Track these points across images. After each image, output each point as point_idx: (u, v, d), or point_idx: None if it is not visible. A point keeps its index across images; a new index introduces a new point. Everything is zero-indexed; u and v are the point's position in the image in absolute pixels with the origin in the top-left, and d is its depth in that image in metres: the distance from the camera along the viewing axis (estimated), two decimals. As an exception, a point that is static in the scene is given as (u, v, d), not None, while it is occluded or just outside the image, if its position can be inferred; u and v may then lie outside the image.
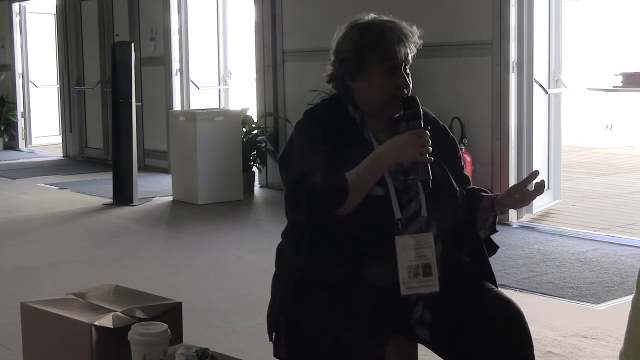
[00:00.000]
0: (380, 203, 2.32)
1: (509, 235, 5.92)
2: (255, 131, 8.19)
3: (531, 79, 6.36)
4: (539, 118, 6.57)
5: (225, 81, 10.01)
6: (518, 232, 6.05)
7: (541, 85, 6.54)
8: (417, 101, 2.39)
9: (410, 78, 2.41)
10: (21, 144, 12.72)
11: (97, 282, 3.26)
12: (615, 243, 5.68)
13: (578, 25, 13.41)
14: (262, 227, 6.62)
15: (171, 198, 7.82)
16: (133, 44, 7.79)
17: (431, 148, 2.31)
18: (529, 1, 6.32)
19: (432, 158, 2.31)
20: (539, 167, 6.54)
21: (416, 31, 2.42)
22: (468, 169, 6.15)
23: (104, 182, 8.59)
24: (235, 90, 10.40)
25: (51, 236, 6.37)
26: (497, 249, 2.56)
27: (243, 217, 7.12)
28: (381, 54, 2.37)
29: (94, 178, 9.29)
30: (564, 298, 4.48)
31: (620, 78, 6.24)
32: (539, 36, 6.46)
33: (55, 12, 12.00)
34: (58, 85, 12.02)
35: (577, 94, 11.69)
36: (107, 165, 9.56)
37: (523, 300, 4.18)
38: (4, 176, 9.58)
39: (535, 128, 6.46)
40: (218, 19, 9.83)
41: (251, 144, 8.08)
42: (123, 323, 2.63)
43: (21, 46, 12.74)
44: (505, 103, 6.36)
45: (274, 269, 2.52)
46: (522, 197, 2.41)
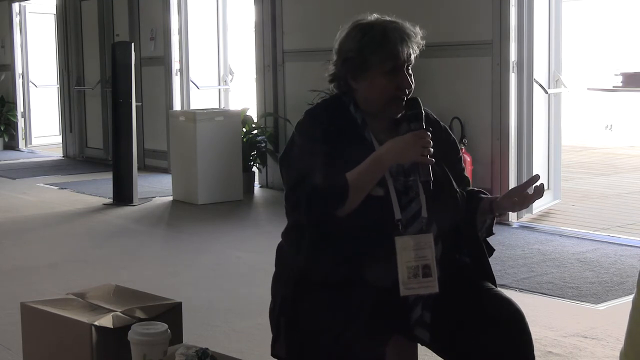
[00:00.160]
0: (380, 204, 2.32)
1: (509, 235, 5.92)
2: (255, 131, 8.19)
3: (531, 79, 6.36)
4: (539, 118, 6.57)
5: (225, 81, 10.01)
6: (518, 232, 6.05)
7: (541, 85, 6.54)
8: (419, 102, 2.39)
9: (412, 79, 2.41)
10: (21, 144, 12.72)
11: (97, 282, 3.26)
12: (615, 243, 5.68)
13: (578, 25, 13.41)
14: (262, 227, 6.62)
15: (171, 198, 7.82)
16: (133, 44, 7.79)
17: (432, 149, 2.31)
18: (529, 1, 6.32)
19: (433, 159, 2.31)
20: (539, 167, 6.55)
21: (419, 32, 2.42)
22: (468, 169, 6.15)
23: (104, 182, 8.59)
24: (238, 90, 10.41)
25: (51, 236, 6.37)
26: (493, 252, 2.56)
27: (243, 217, 7.12)
28: (383, 54, 2.37)
29: (94, 178, 9.29)
30: (564, 298, 4.48)
31: (620, 78, 6.24)
32: (539, 36, 6.46)
33: (55, 12, 11.99)
34: (58, 85, 12.02)
35: (577, 94, 11.69)
36: (107, 165, 9.56)
37: (523, 300, 4.18)
38: (4, 176, 9.58)
39: (535, 128, 6.46)
40: (218, 19, 9.83)
41: (251, 144, 8.08)
42: (123, 323, 2.63)
43: (21, 46, 12.74)
44: (505, 103, 6.36)
45: (274, 269, 2.52)
46: (522, 201, 2.42)
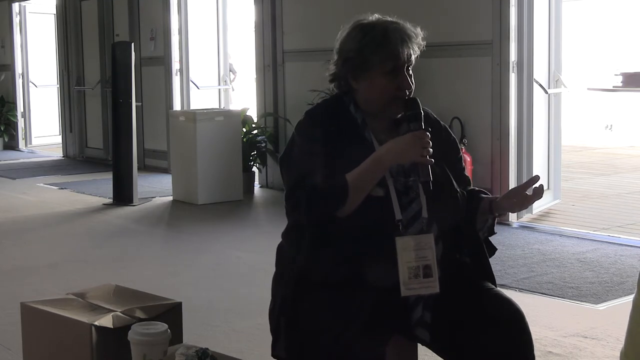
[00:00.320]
0: (380, 204, 2.32)
1: (509, 235, 5.92)
2: (255, 131, 8.19)
3: (531, 79, 6.36)
4: (539, 118, 6.57)
5: (225, 81, 10.01)
6: (518, 232, 6.05)
7: (541, 85, 6.54)
8: (419, 103, 2.39)
9: (412, 79, 2.41)
10: (21, 144, 12.72)
11: (97, 282, 3.26)
12: (615, 243, 5.68)
13: (578, 25, 13.41)
14: (262, 227, 6.62)
15: (171, 198, 7.82)
16: (133, 44, 7.79)
17: (432, 150, 2.31)
18: (529, 1, 6.32)
19: (433, 160, 2.31)
20: (539, 167, 6.55)
21: (420, 32, 2.42)
22: (468, 169, 6.15)
23: (104, 182, 8.59)
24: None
25: (51, 236, 6.37)
26: (495, 251, 2.56)
27: (243, 217, 7.12)
28: (384, 55, 2.37)
29: (94, 178, 9.29)
30: (564, 298, 4.47)
31: (620, 78, 6.25)
32: (539, 36, 6.46)
33: (55, 12, 11.99)
34: (58, 85, 12.02)
35: (577, 94, 11.70)
36: (107, 165, 9.56)
37: (523, 300, 4.18)
38: (4, 176, 9.57)
39: (535, 128, 6.46)
40: (218, 19, 9.83)
41: (251, 144, 8.08)
42: (123, 323, 2.63)
43: (21, 46, 12.73)
44: (505, 103, 6.36)
45: (274, 269, 2.52)
46: (521, 201, 2.42)
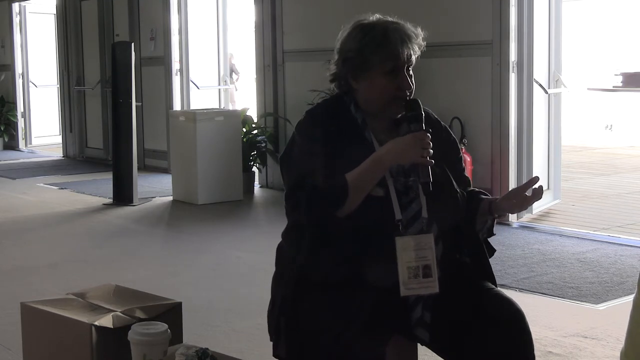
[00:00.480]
0: (380, 204, 2.32)
1: (509, 235, 5.92)
2: (255, 131, 8.19)
3: (531, 79, 6.36)
4: (539, 118, 6.57)
5: (225, 81, 10.02)
6: (518, 232, 6.05)
7: (541, 85, 6.54)
8: (419, 104, 2.39)
9: (413, 80, 2.41)
10: (21, 144, 12.73)
11: (97, 282, 3.26)
12: (615, 243, 5.68)
13: (578, 25, 13.42)
14: (262, 227, 6.63)
15: (171, 198, 7.82)
16: (133, 44, 7.79)
17: (432, 151, 2.31)
18: (529, 1, 6.32)
19: (433, 161, 2.31)
20: (539, 167, 6.55)
21: (420, 33, 2.42)
22: (468, 169, 6.15)
23: (104, 182, 8.59)
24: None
25: (51, 236, 6.37)
26: (494, 252, 2.56)
27: (243, 217, 7.12)
28: (383, 55, 2.37)
29: (94, 178, 9.29)
30: (564, 298, 4.48)
31: (620, 78, 6.25)
32: (539, 36, 6.46)
33: (55, 12, 12.00)
34: (58, 85, 12.02)
35: (577, 94, 11.70)
36: (107, 165, 9.56)
37: (523, 300, 4.17)
38: (4, 176, 9.58)
39: (535, 128, 6.46)
40: (218, 19, 9.83)
41: (251, 144, 8.08)
42: (123, 323, 2.63)
43: (21, 46, 12.74)
44: (505, 103, 6.36)
45: (274, 269, 2.52)
46: (520, 202, 2.42)
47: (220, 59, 9.89)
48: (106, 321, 2.64)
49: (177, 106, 9.63)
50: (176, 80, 9.71)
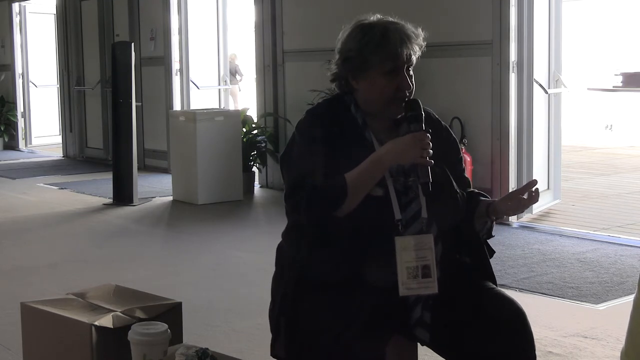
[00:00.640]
0: (380, 204, 2.32)
1: (509, 235, 5.92)
2: (255, 131, 8.19)
3: (531, 79, 6.36)
4: (539, 118, 6.57)
5: (225, 81, 10.02)
6: (518, 232, 6.05)
7: (541, 85, 6.54)
8: (419, 104, 2.39)
9: (413, 80, 2.41)
10: (21, 144, 12.73)
11: (97, 282, 3.26)
12: (615, 243, 5.68)
13: (578, 25, 13.42)
14: (262, 227, 6.63)
15: (171, 198, 7.82)
16: (133, 44, 7.79)
17: (432, 151, 2.31)
18: (529, 1, 6.32)
19: (433, 161, 2.31)
20: (539, 167, 6.55)
21: (421, 33, 2.42)
22: (468, 169, 6.15)
23: (104, 182, 8.59)
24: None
25: (51, 236, 6.37)
26: (494, 254, 2.56)
27: (243, 217, 7.12)
28: (383, 55, 2.36)
29: (94, 178, 9.29)
30: (564, 298, 4.47)
31: (620, 78, 6.24)
32: (539, 36, 6.46)
33: (55, 12, 12.00)
34: (58, 85, 12.02)
35: (577, 94, 11.70)
36: (107, 165, 9.56)
37: (523, 300, 4.14)
38: (4, 176, 9.58)
39: (535, 128, 6.46)
40: (218, 19, 9.83)
41: (251, 144, 8.08)
42: (123, 323, 2.63)
43: (21, 46, 12.74)
44: (505, 103, 6.36)
45: (274, 269, 2.52)
46: (517, 205, 2.42)
47: (220, 59, 9.89)
48: (106, 321, 2.63)
49: (177, 106, 9.63)
50: (176, 80, 9.71)
